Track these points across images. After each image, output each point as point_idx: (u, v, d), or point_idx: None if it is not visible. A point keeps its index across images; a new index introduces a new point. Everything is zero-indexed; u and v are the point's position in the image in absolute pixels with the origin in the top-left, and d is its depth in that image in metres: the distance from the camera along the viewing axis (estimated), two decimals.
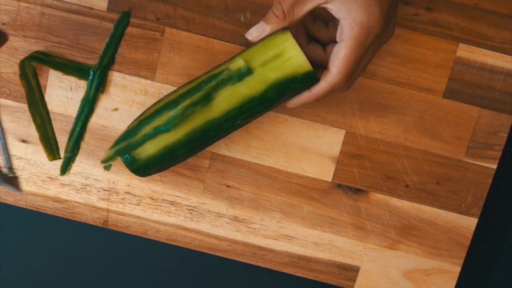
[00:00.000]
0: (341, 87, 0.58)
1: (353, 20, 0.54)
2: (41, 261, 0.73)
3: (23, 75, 0.64)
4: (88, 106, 0.66)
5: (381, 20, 0.55)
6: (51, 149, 0.67)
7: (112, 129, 0.67)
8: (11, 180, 0.55)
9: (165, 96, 0.61)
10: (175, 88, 0.65)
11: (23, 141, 0.67)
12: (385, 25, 0.56)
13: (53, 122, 0.66)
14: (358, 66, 0.57)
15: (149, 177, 0.67)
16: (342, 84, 0.57)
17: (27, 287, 0.73)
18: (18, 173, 0.67)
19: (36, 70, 0.65)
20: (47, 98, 0.66)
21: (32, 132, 0.66)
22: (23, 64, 0.64)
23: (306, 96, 0.59)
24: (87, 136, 0.67)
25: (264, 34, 0.57)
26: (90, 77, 0.65)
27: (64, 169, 0.67)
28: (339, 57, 0.56)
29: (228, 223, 0.68)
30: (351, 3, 0.54)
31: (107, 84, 0.66)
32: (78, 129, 0.66)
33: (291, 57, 0.56)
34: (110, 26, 0.64)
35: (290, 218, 0.68)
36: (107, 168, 0.65)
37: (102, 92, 0.66)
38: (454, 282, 0.69)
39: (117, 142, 0.60)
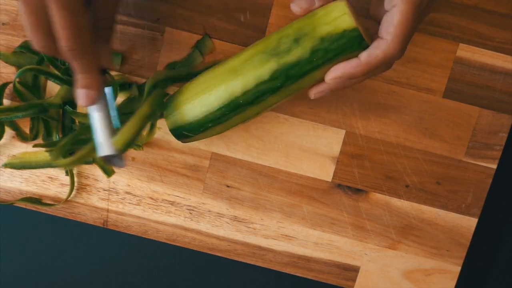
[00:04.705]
0: (394, 57, 0.52)
1: None
2: (41, 261, 0.73)
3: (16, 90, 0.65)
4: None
5: None
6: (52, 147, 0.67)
7: None
8: (117, 156, 0.57)
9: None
10: (176, 88, 0.65)
11: (23, 141, 0.67)
12: None
13: None
14: (413, 33, 0.52)
15: (149, 177, 0.67)
16: (396, 53, 0.52)
17: (27, 287, 0.73)
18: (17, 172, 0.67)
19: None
20: (47, 95, 0.66)
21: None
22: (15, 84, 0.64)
23: (355, 63, 0.53)
24: None
25: (313, 7, 0.54)
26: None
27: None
28: (394, 23, 0.51)
29: (228, 223, 0.68)
30: None
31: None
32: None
33: (338, 16, 0.53)
34: None
35: (290, 218, 0.68)
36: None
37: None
38: (454, 282, 0.69)
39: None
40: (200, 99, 0.57)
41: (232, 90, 0.56)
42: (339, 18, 0.53)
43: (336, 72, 0.54)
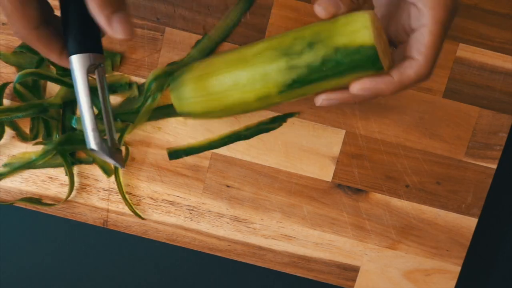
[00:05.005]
0: (425, 77, 0.51)
1: (433, 0, 0.49)
2: (41, 261, 0.73)
3: (17, 91, 0.64)
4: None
5: None
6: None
7: None
8: (116, 154, 0.53)
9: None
10: None
11: (23, 141, 0.67)
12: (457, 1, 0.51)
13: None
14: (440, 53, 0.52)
15: (149, 177, 0.67)
16: (428, 74, 0.51)
17: (27, 287, 0.73)
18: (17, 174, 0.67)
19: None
20: (47, 95, 0.66)
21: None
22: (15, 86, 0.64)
23: (387, 80, 0.51)
24: None
25: (339, 12, 0.51)
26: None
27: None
28: (425, 44, 0.50)
29: (228, 223, 0.68)
30: None
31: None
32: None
33: (357, 29, 0.50)
34: None
35: (290, 218, 0.68)
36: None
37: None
38: (454, 282, 0.69)
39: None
40: (204, 82, 0.56)
41: (236, 79, 0.54)
42: (359, 31, 0.50)
43: (366, 83, 0.52)
